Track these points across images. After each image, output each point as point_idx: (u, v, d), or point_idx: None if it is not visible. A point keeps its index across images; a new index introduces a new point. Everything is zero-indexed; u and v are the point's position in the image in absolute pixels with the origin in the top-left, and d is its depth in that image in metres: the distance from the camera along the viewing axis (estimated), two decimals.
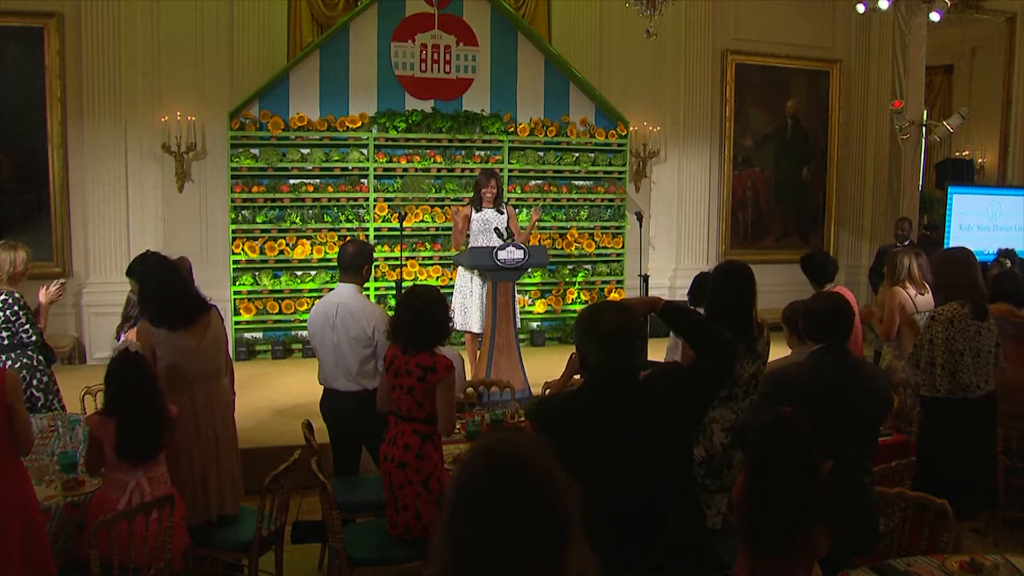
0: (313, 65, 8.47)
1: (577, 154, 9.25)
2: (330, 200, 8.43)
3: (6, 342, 4.43)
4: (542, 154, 9.15)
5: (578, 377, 2.87)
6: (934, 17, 8.94)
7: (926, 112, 10.68)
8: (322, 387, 4.46)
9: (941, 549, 2.99)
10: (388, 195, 8.57)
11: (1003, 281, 5.11)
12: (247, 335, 8.31)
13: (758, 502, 2.30)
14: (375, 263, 4.80)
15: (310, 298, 8.21)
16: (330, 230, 8.38)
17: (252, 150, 8.23)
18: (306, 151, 8.40)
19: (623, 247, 9.38)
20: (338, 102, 8.52)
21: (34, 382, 4.47)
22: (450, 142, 8.77)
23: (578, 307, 8.97)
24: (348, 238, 8.30)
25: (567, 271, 9.27)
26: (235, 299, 8.15)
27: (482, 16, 8.90)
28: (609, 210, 9.39)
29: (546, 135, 9.11)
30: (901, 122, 9.62)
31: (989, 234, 9.90)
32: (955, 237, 9.68)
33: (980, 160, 11.93)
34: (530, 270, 8.25)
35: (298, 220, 8.30)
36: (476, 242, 6.72)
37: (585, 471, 2.28)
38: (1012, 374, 4.59)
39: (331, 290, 4.62)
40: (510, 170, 8.93)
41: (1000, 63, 11.14)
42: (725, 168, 10.35)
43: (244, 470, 3.99)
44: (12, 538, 2.90)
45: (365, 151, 8.54)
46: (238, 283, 8.19)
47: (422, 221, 8.63)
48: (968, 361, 4.06)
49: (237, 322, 8.14)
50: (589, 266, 9.36)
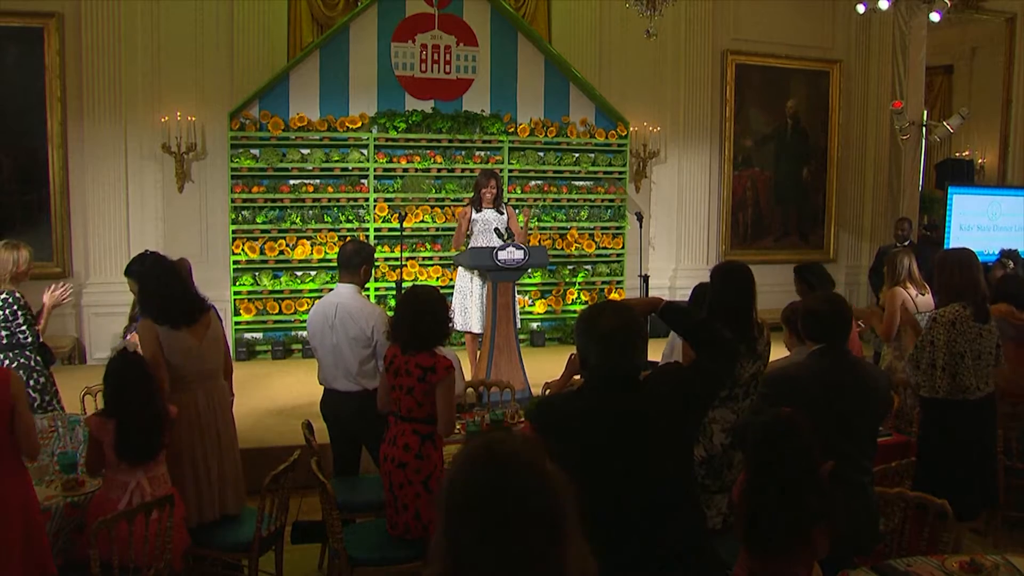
0: (313, 65, 8.47)
1: (577, 154, 9.25)
2: (330, 200, 8.43)
3: (4, 341, 4.43)
4: (542, 154, 9.14)
5: (578, 377, 2.87)
6: (934, 17, 8.94)
7: (926, 112, 10.68)
8: (322, 387, 4.46)
9: (941, 549, 2.99)
10: (388, 195, 8.57)
11: (1006, 283, 5.14)
12: (247, 335, 8.31)
13: (758, 502, 2.30)
14: (375, 264, 4.79)
15: (310, 298, 8.21)
16: (330, 230, 8.38)
17: (252, 150, 8.23)
18: (306, 151, 8.40)
19: (623, 247, 9.38)
20: (338, 102, 8.52)
21: (31, 382, 4.46)
22: (450, 142, 8.76)
23: (578, 307, 8.97)
24: (348, 238, 8.31)
25: (567, 271, 9.27)
26: (235, 299, 8.15)
27: (482, 16, 8.90)
28: (609, 210, 9.39)
29: (546, 135, 9.11)
30: (901, 122, 9.62)
31: (989, 234, 9.90)
32: (955, 237, 9.68)
33: (980, 160, 11.93)
34: (530, 270, 8.25)
35: (298, 220, 8.30)
36: (476, 242, 6.72)
37: (585, 471, 2.30)
38: (1012, 375, 4.60)
39: (331, 290, 4.62)
40: (510, 170, 8.93)
41: (1000, 63, 11.15)
42: (725, 168, 10.35)
43: (244, 470, 4.00)
44: (13, 538, 2.90)
45: (365, 151, 8.54)
46: (238, 283, 8.19)
47: (422, 221, 8.63)
48: (969, 363, 4.06)
49: (237, 322, 8.14)
50: (589, 266, 9.36)
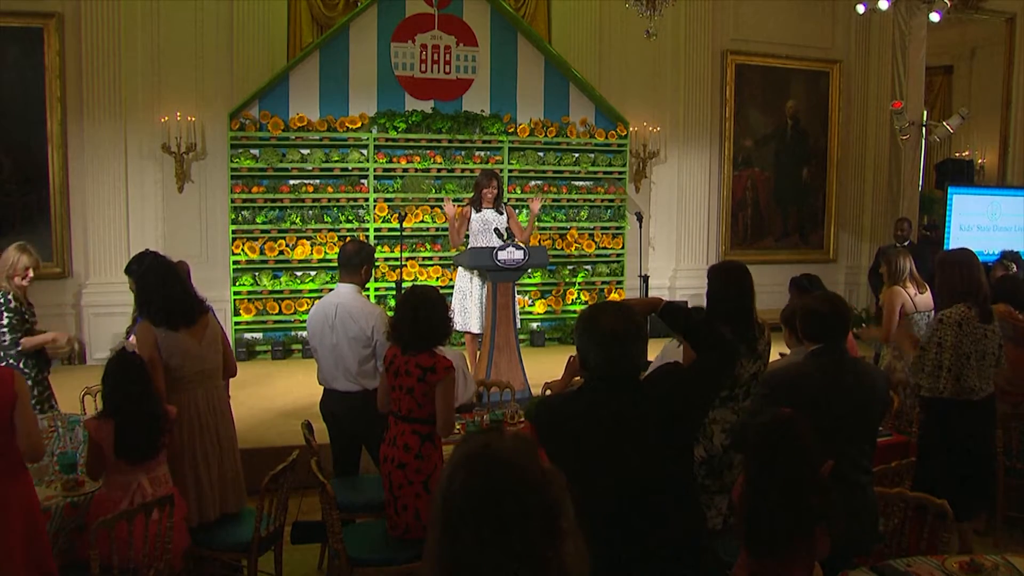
0: (313, 65, 8.46)
1: (577, 154, 9.25)
2: (330, 200, 8.43)
3: None
4: (542, 154, 9.14)
5: (578, 379, 2.87)
6: (934, 17, 8.94)
7: (926, 112, 10.69)
8: (322, 388, 4.46)
9: (943, 550, 2.99)
10: (388, 195, 8.57)
11: (1004, 283, 5.14)
12: (247, 335, 8.30)
13: (758, 503, 2.30)
14: (375, 264, 4.78)
15: (310, 298, 8.20)
16: (330, 230, 8.38)
17: (252, 150, 8.23)
18: (306, 151, 8.40)
19: (623, 247, 9.38)
20: (338, 102, 8.51)
21: None
22: (450, 142, 8.76)
23: (578, 308, 8.97)
24: (348, 238, 8.30)
25: (567, 271, 9.27)
26: (235, 299, 8.15)
27: (482, 16, 8.89)
28: (609, 210, 9.38)
29: (546, 135, 9.10)
30: (901, 122, 9.62)
31: (989, 234, 9.90)
32: (955, 237, 9.68)
33: (980, 160, 11.93)
34: (530, 270, 8.25)
35: (298, 220, 8.30)
36: (476, 242, 6.72)
37: (585, 471, 2.30)
38: (1011, 375, 4.60)
39: (331, 291, 4.61)
40: (510, 170, 8.92)
41: (1000, 63, 11.15)
42: (725, 168, 10.35)
43: (244, 470, 3.99)
44: (15, 538, 2.89)
45: (365, 151, 8.53)
46: (238, 283, 8.18)
47: (422, 222, 8.63)
48: (974, 364, 4.07)
49: (237, 322, 8.14)
50: (589, 266, 9.35)
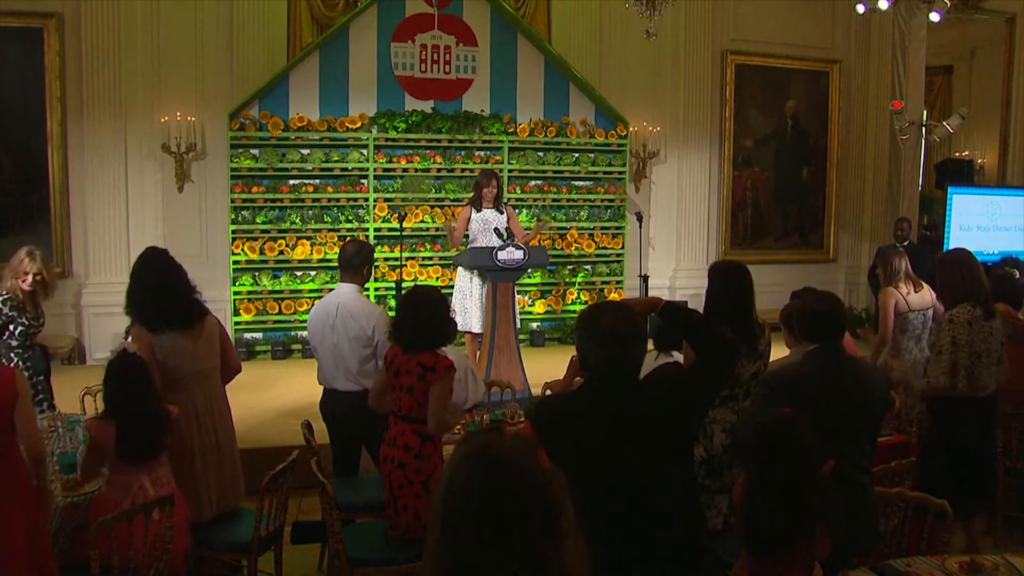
0: (313, 65, 8.46)
1: (577, 154, 9.24)
2: (330, 200, 8.43)
3: None
4: (542, 154, 9.14)
5: (580, 379, 2.87)
6: (934, 17, 8.94)
7: (926, 112, 10.68)
8: (322, 387, 4.46)
9: (943, 550, 2.99)
10: (388, 195, 8.57)
11: (1002, 283, 5.14)
12: (247, 335, 8.30)
13: (758, 503, 2.30)
14: (375, 264, 4.78)
15: (310, 298, 8.20)
16: (330, 230, 8.38)
17: (252, 150, 8.23)
18: (306, 151, 8.40)
19: (623, 247, 9.37)
20: (338, 102, 8.51)
21: None
22: (450, 142, 8.76)
23: (578, 308, 8.97)
24: (348, 238, 8.30)
25: (567, 271, 9.27)
26: (235, 299, 8.15)
27: (482, 16, 8.89)
28: (609, 210, 9.38)
29: (546, 135, 9.10)
30: (901, 122, 9.62)
31: (989, 234, 9.90)
32: (955, 237, 9.67)
33: (980, 160, 11.93)
34: (530, 270, 8.25)
35: (298, 220, 8.30)
36: (476, 242, 6.72)
37: (585, 471, 2.30)
38: (1010, 375, 4.60)
39: (331, 290, 4.61)
40: (510, 170, 8.92)
41: (1000, 63, 11.15)
42: (725, 168, 10.34)
43: (244, 470, 3.99)
44: (17, 538, 2.89)
45: (365, 151, 8.53)
46: (238, 283, 8.18)
47: (422, 221, 8.62)
48: (984, 361, 4.10)
49: (237, 322, 8.14)
50: (589, 266, 9.35)
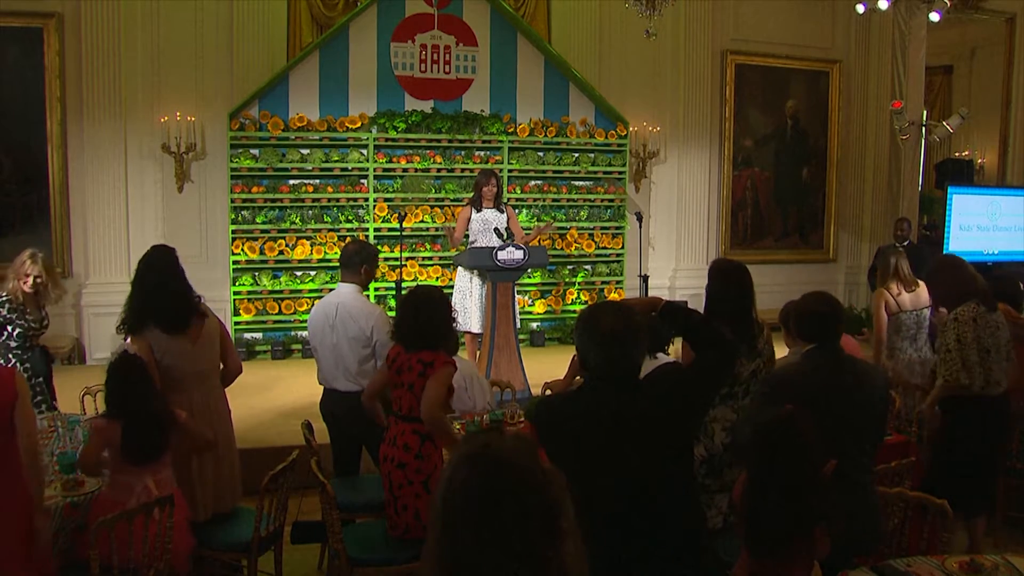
0: (313, 65, 8.46)
1: (577, 154, 9.24)
2: (330, 200, 8.43)
3: None
4: (542, 154, 9.14)
5: (580, 378, 2.87)
6: (934, 17, 8.94)
7: (926, 112, 10.68)
8: (322, 388, 4.46)
9: (943, 550, 2.99)
10: (388, 195, 8.57)
11: (1002, 283, 5.14)
12: (247, 335, 8.30)
13: (758, 502, 2.30)
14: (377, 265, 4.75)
15: (310, 298, 8.20)
16: (330, 230, 8.37)
17: (252, 150, 8.23)
18: (306, 151, 8.40)
19: (623, 247, 9.37)
20: (338, 102, 8.51)
21: None
22: (450, 142, 8.76)
23: (578, 307, 8.97)
24: (348, 238, 8.31)
25: (567, 271, 9.27)
26: (235, 299, 8.15)
27: (482, 16, 8.89)
28: (609, 210, 9.38)
29: (546, 135, 9.10)
30: (901, 122, 9.62)
31: (989, 234, 9.90)
32: (955, 237, 9.67)
33: (980, 160, 11.93)
34: (530, 270, 8.25)
35: (298, 220, 8.30)
36: (476, 242, 6.73)
37: (585, 471, 2.30)
38: (1013, 374, 4.60)
39: (332, 290, 4.62)
40: (510, 170, 8.92)
41: (1000, 63, 11.15)
42: (725, 168, 10.34)
43: (244, 470, 3.99)
44: (17, 538, 2.89)
45: (365, 151, 8.53)
46: (238, 283, 8.18)
47: (422, 221, 8.62)
48: (994, 357, 4.11)
49: (237, 322, 8.14)
50: (589, 266, 9.35)
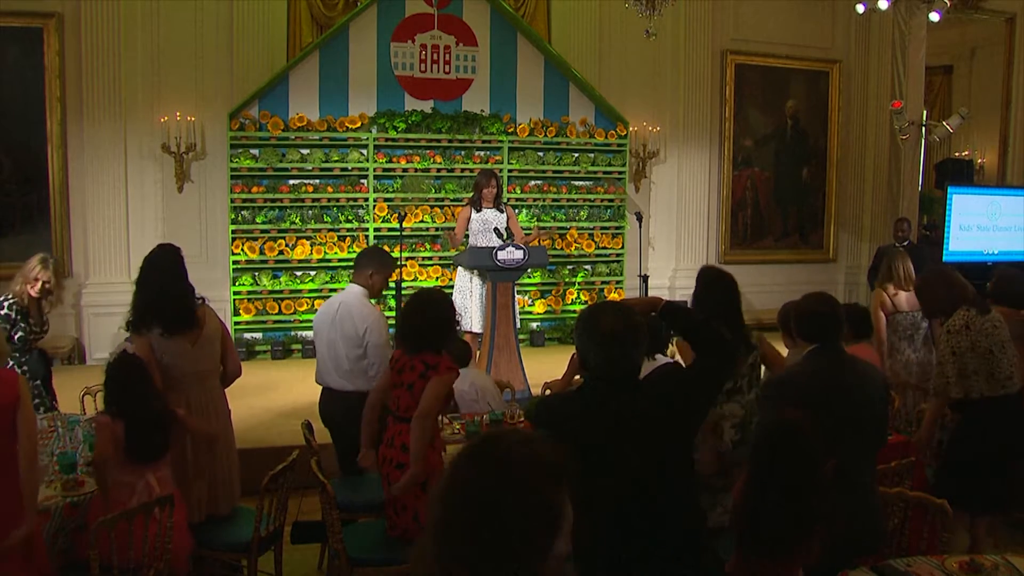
0: (313, 65, 8.46)
1: (577, 154, 9.24)
2: (330, 200, 8.43)
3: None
4: (542, 154, 9.14)
5: (579, 378, 2.87)
6: (934, 17, 8.93)
7: (926, 112, 10.69)
8: (320, 387, 4.47)
9: (943, 550, 2.99)
10: (388, 195, 8.57)
11: (1005, 284, 5.10)
12: (247, 335, 8.29)
13: (759, 502, 2.30)
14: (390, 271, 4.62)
15: (309, 298, 8.21)
16: (330, 230, 8.37)
17: (252, 150, 8.23)
18: (306, 151, 8.40)
19: (623, 247, 9.37)
20: (338, 102, 8.51)
21: None
22: (450, 142, 8.76)
23: (578, 307, 8.97)
24: (348, 239, 8.34)
25: (567, 271, 9.27)
26: (235, 299, 8.14)
27: (482, 16, 8.89)
28: (609, 210, 9.38)
29: (546, 135, 9.10)
30: (901, 122, 9.62)
31: (989, 234, 9.91)
32: (955, 237, 9.68)
33: (980, 160, 11.93)
34: (530, 270, 8.25)
35: (298, 220, 8.30)
36: (476, 242, 6.73)
37: (585, 472, 2.30)
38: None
39: (332, 290, 4.63)
40: (510, 170, 8.92)
41: (1000, 63, 11.15)
42: (725, 168, 10.34)
43: (243, 470, 3.99)
44: (13, 542, 2.88)
45: (365, 151, 8.53)
46: (238, 283, 8.18)
47: (422, 221, 8.62)
48: (998, 355, 4.06)
49: (237, 322, 8.13)
50: (589, 266, 9.35)
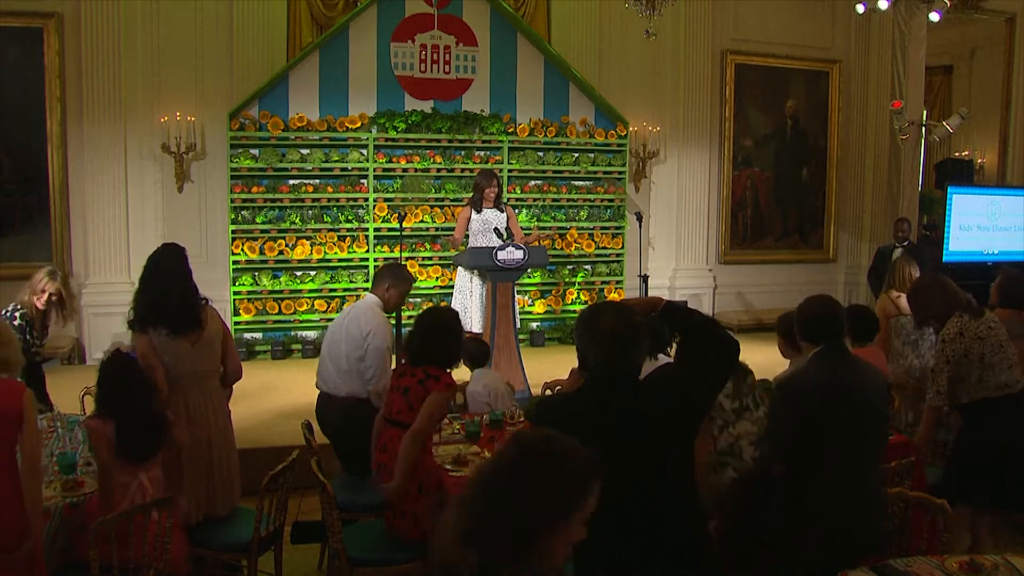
0: (313, 65, 8.46)
1: (577, 154, 9.24)
2: (330, 200, 8.42)
3: None
4: (542, 154, 9.13)
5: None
6: (934, 17, 8.93)
7: (926, 112, 10.68)
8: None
9: (943, 550, 2.99)
10: (388, 195, 8.56)
11: (1008, 285, 5.09)
12: (247, 335, 8.29)
13: (737, 551, 2.34)
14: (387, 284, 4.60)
15: (309, 298, 8.21)
16: (330, 230, 8.37)
17: (252, 150, 8.23)
18: (306, 151, 8.39)
19: (623, 247, 9.37)
20: (338, 102, 8.51)
21: None
22: (450, 142, 8.76)
23: (578, 307, 8.96)
24: (348, 239, 8.33)
25: (567, 271, 9.27)
26: (235, 299, 8.14)
27: (482, 16, 8.89)
28: (609, 210, 9.38)
29: (546, 135, 9.10)
30: (901, 122, 9.61)
31: (989, 234, 9.91)
32: (955, 237, 9.68)
33: (980, 160, 11.93)
34: (530, 270, 8.25)
35: (298, 220, 8.30)
36: (476, 242, 6.73)
37: None
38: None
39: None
40: (510, 170, 8.92)
41: (1000, 63, 11.15)
42: (725, 168, 10.34)
43: (243, 470, 3.99)
44: (13, 541, 2.88)
45: (365, 151, 8.53)
46: (238, 283, 8.18)
47: (422, 221, 8.62)
48: (995, 359, 4.04)
49: (237, 322, 8.13)
50: (589, 266, 9.35)
